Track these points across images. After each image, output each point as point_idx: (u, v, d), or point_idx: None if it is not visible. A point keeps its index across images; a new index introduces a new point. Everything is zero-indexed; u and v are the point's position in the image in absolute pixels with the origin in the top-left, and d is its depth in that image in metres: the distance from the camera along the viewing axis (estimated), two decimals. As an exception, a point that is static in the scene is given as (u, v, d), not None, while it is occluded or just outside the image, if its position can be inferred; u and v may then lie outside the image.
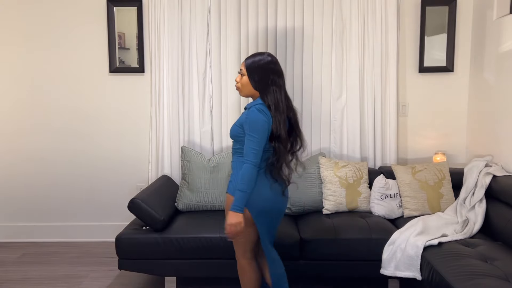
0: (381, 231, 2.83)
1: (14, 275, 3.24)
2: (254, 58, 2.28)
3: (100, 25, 3.69)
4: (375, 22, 3.48)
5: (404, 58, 3.63)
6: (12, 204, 3.89)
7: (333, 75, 3.56)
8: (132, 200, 2.87)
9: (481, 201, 2.92)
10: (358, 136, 3.56)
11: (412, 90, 3.67)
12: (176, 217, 3.10)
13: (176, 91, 3.58)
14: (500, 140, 3.16)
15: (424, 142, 3.70)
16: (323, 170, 3.25)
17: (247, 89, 2.30)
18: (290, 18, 3.51)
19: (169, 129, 3.60)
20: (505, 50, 3.09)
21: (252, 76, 2.26)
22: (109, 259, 3.47)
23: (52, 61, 3.74)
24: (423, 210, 3.10)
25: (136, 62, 3.69)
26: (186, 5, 3.53)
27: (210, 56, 3.57)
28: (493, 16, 3.23)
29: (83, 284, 3.09)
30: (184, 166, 3.30)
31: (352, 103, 3.55)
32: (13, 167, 3.85)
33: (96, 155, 3.82)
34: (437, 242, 2.58)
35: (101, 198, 3.86)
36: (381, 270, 2.72)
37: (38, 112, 3.79)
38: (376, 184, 3.22)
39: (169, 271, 2.88)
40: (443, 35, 3.59)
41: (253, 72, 2.26)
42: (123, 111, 3.78)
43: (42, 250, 3.70)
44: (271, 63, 2.27)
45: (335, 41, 3.52)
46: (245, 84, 2.29)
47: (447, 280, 2.20)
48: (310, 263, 2.82)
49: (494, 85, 3.26)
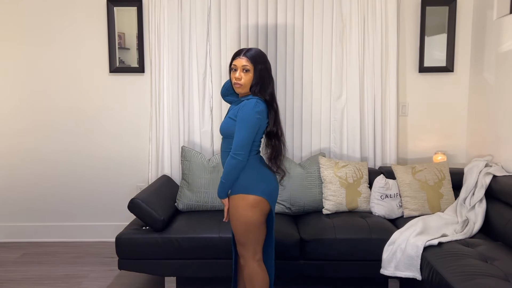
0: (381, 231, 2.83)
1: (14, 275, 3.24)
2: (252, 53, 2.25)
3: (100, 25, 3.69)
4: (375, 22, 3.48)
5: (404, 58, 3.63)
6: (12, 204, 3.89)
7: (333, 75, 3.56)
8: (132, 200, 2.87)
9: (481, 201, 2.92)
10: (358, 136, 3.55)
11: (412, 90, 3.67)
12: (176, 217, 3.10)
13: (176, 91, 3.58)
14: (500, 140, 3.16)
15: (424, 142, 3.70)
16: (323, 170, 3.25)
17: (248, 86, 2.25)
18: (290, 18, 3.51)
19: (169, 129, 3.60)
20: (505, 50, 3.09)
21: (258, 70, 2.22)
22: (109, 259, 3.47)
23: (52, 61, 3.74)
24: (423, 210, 3.10)
25: (136, 62, 3.69)
26: (186, 5, 3.53)
27: (210, 56, 3.57)
28: (493, 16, 3.23)
29: (83, 284, 3.09)
30: (184, 166, 3.30)
31: (352, 103, 3.55)
32: (13, 167, 3.85)
33: (96, 155, 3.82)
34: (437, 242, 2.58)
35: (101, 198, 3.86)
36: (381, 270, 2.72)
37: (38, 112, 3.79)
38: (376, 184, 3.22)
39: (169, 271, 2.88)
40: (443, 35, 3.59)
41: (258, 66, 2.23)
42: (123, 111, 3.78)
43: (42, 250, 3.70)
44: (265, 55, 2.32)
45: (335, 41, 3.52)
46: (248, 81, 2.24)
47: (447, 280, 2.20)
48: (310, 263, 2.82)
49: (494, 85, 3.26)
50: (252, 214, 2.23)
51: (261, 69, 2.24)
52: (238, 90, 2.27)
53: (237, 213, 2.25)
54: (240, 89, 2.26)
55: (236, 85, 2.26)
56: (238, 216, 2.25)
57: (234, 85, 2.27)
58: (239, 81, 2.23)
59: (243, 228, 2.26)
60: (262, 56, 2.28)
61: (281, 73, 3.56)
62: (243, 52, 2.25)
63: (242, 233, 2.26)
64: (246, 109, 2.18)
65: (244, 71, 2.22)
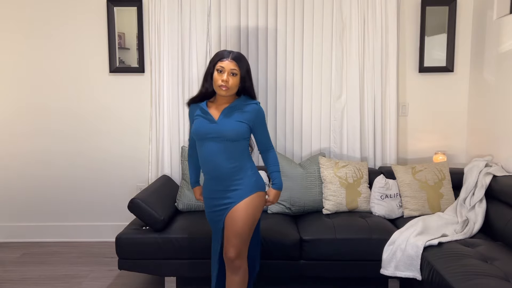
0: (381, 231, 2.83)
1: (14, 275, 3.24)
2: (239, 57, 2.28)
3: (100, 25, 3.69)
4: (375, 22, 3.48)
5: (404, 58, 3.63)
6: (12, 204, 3.89)
7: (333, 75, 3.56)
8: (132, 200, 2.87)
9: (481, 201, 2.92)
10: (358, 136, 3.56)
11: (412, 90, 3.67)
12: (176, 217, 3.10)
13: (176, 91, 3.58)
14: (500, 140, 3.16)
15: (424, 142, 3.70)
16: (323, 170, 3.25)
17: (235, 89, 2.28)
18: (290, 18, 3.51)
19: (169, 129, 3.60)
20: (505, 50, 3.09)
21: (246, 73, 2.28)
22: (109, 259, 3.47)
23: (52, 61, 3.74)
24: (423, 210, 3.10)
25: (136, 62, 3.69)
26: (186, 5, 3.53)
27: (210, 56, 3.56)
28: (493, 16, 3.23)
29: (83, 284, 3.09)
30: (184, 166, 3.30)
31: (352, 103, 3.55)
32: (13, 167, 3.85)
33: (96, 155, 3.82)
34: (437, 242, 2.58)
35: (101, 198, 3.86)
36: (381, 270, 2.72)
37: (38, 112, 3.79)
38: (376, 184, 3.22)
39: (169, 271, 2.88)
40: (443, 35, 3.59)
41: (245, 69, 2.28)
42: (123, 111, 3.78)
43: (42, 250, 3.70)
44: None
45: (335, 41, 3.52)
46: (236, 84, 2.27)
47: (447, 280, 2.20)
48: (310, 263, 2.82)
49: (494, 85, 3.26)
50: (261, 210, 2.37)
51: (247, 72, 2.30)
52: (222, 92, 2.25)
53: (256, 210, 2.30)
54: (225, 91, 2.25)
55: (222, 87, 2.24)
56: (256, 213, 2.30)
57: (220, 87, 2.24)
58: (226, 84, 2.23)
59: (252, 225, 2.31)
60: (246, 60, 2.32)
61: (281, 73, 3.57)
62: (230, 55, 2.27)
63: (250, 229, 2.30)
64: (262, 112, 2.36)
65: (231, 75, 2.24)
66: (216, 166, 2.27)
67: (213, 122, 2.28)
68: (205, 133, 2.27)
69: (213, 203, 2.35)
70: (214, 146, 2.26)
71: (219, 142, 2.26)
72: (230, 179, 2.28)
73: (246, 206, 2.27)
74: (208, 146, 2.27)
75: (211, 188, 2.35)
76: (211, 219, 2.42)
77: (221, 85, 2.24)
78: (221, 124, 2.27)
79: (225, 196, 2.29)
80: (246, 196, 2.28)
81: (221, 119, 2.28)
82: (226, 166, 2.26)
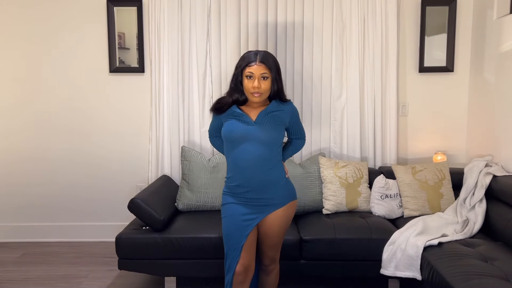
0: (381, 231, 2.83)
1: (14, 275, 3.24)
2: (267, 57, 2.15)
3: (100, 25, 3.69)
4: (375, 22, 3.48)
5: (404, 58, 3.63)
6: (12, 204, 3.89)
7: (333, 75, 3.56)
8: (132, 200, 2.87)
9: (481, 201, 2.92)
10: (358, 136, 3.56)
11: (412, 90, 3.67)
12: (176, 217, 3.10)
13: (176, 91, 3.58)
14: (500, 140, 3.16)
15: (424, 142, 3.70)
16: (323, 170, 3.25)
17: (268, 92, 2.16)
18: (290, 18, 3.51)
19: (169, 129, 3.60)
20: (505, 50, 3.09)
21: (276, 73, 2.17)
22: (109, 259, 3.47)
23: (52, 61, 3.74)
24: (423, 210, 3.10)
25: (136, 62, 3.69)
26: (186, 5, 3.53)
27: (210, 56, 3.57)
28: (493, 16, 3.22)
29: (83, 284, 3.09)
30: (184, 166, 3.30)
31: (352, 103, 3.55)
32: (13, 167, 3.85)
33: (96, 155, 3.82)
34: (437, 242, 2.58)
35: (101, 198, 3.86)
36: (381, 270, 2.72)
37: (38, 112, 3.79)
38: (376, 184, 3.22)
39: (169, 271, 2.88)
40: (443, 35, 3.59)
41: (275, 70, 2.16)
42: (123, 111, 3.78)
43: (42, 250, 3.70)
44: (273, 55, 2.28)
45: (335, 41, 3.52)
46: (268, 87, 2.14)
47: (447, 280, 2.20)
48: (310, 263, 2.82)
49: (494, 85, 3.26)
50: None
51: (277, 71, 2.18)
52: (255, 99, 2.14)
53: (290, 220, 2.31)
54: (258, 97, 2.13)
55: (255, 94, 2.12)
56: (289, 223, 2.31)
57: (252, 94, 2.12)
58: (258, 90, 2.11)
59: (284, 234, 2.34)
60: (273, 57, 2.20)
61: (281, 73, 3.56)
62: (257, 57, 2.13)
63: (283, 238, 2.34)
64: (296, 109, 2.35)
65: (262, 79, 2.12)
66: (250, 169, 2.16)
67: (251, 124, 2.16)
68: (242, 135, 2.15)
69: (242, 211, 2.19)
70: (251, 148, 2.14)
71: (254, 146, 2.14)
72: (263, 185, 2.18)
73: (281, 219, 2.23)
74: (244, 148, 2.15)
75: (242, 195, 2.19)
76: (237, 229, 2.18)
77: (253, 93, 2.12)
78: (259, 126, 2.16)
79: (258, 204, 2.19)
80: (280, 206, 2.22)
81: (259, 121, 2.17)
82: (260, 170, 2.16)
